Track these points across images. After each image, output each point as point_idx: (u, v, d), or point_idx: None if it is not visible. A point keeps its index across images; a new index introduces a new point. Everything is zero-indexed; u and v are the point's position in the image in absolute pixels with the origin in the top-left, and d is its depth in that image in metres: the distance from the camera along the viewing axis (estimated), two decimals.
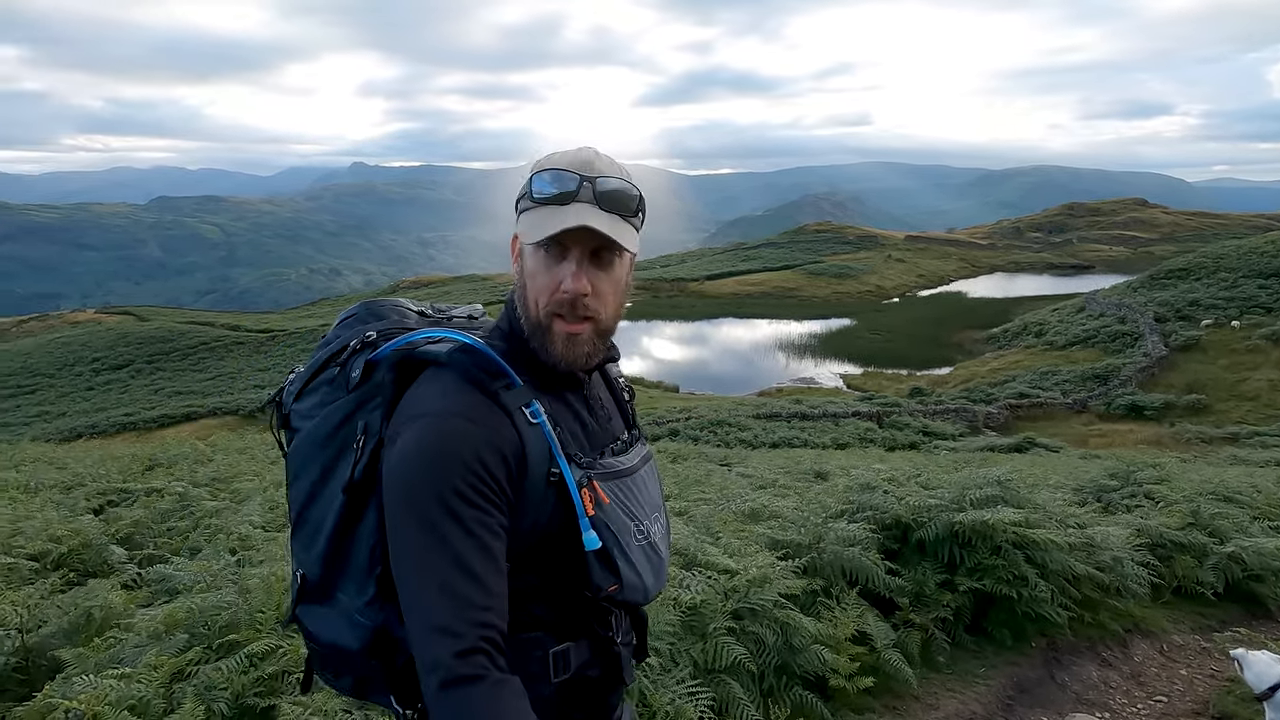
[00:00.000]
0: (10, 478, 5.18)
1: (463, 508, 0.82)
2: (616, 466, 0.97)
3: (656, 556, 0.98)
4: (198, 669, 2.00)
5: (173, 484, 4.74)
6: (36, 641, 2.33)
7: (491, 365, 0.92)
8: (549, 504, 0.89)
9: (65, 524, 3.45)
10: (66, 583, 2.92)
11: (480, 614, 0.79)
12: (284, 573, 2.44)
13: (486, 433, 0.86)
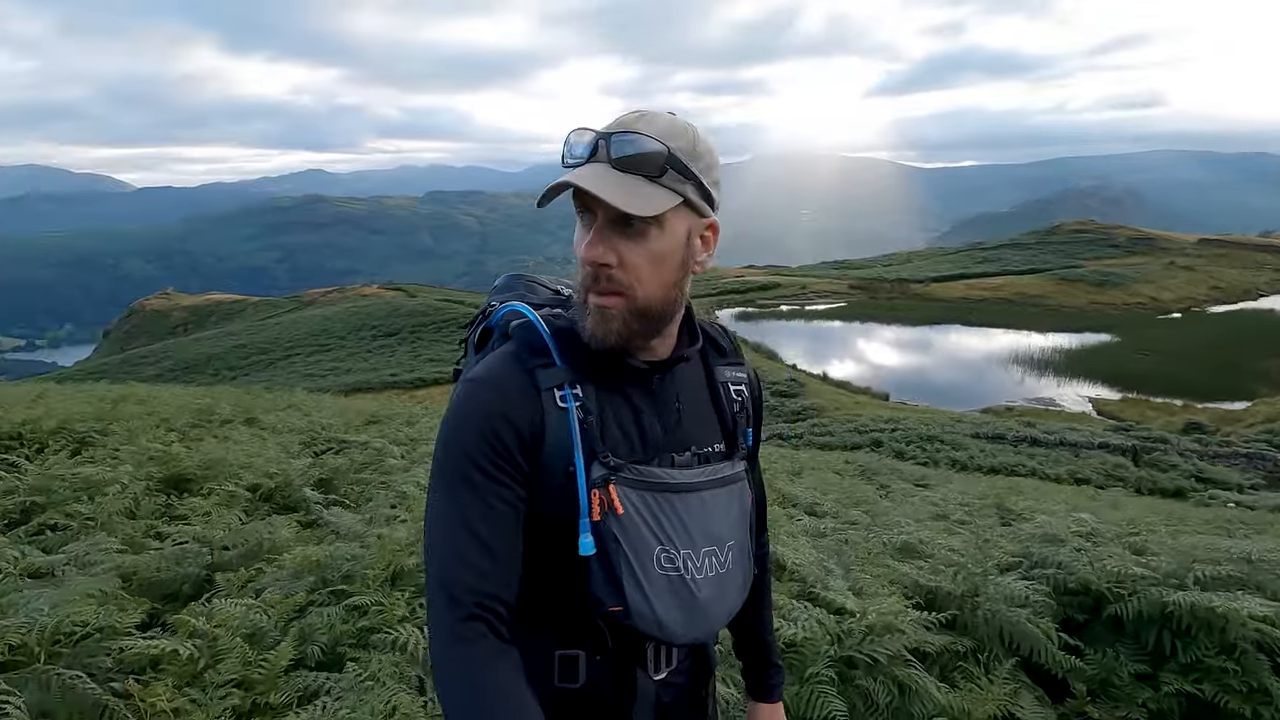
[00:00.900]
0: (268, 420, 6.33)
1: (475, 473, 0.82)
2: (660, 478, 0.87)
3: (688, 593, 0.85)
4: (311, 610, 2.23)
5: (375, 439, 5.45)
6: (223, 560, 2.78)
7: (537, 342, 0.89)
8: (566, 497, 0.85)
9: (279, 464, 4.12)
10: (265, 513, 3.47)
11: (483, 580, 0.80)
12: (402, 534, 2.64)
13: (505, 403, 0.85)
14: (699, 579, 0.86)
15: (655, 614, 0.83)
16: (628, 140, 0.83)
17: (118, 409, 6.22)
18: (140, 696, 1.73)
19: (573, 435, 0.85)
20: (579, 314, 0.89)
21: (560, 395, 0.86)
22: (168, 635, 2.01)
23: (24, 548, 2.55)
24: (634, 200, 0.81)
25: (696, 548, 0.87)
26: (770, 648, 1.14)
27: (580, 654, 0.90)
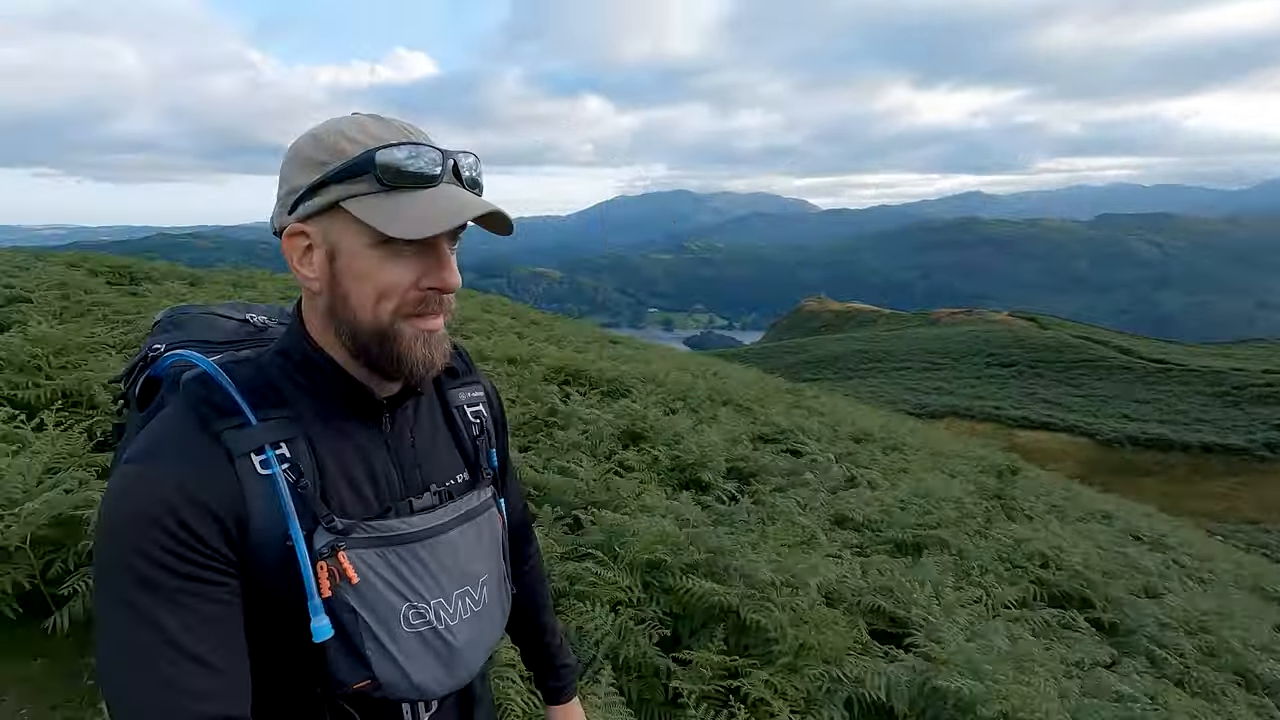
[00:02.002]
0: (758, 411, 7.04)
1: (163, 576, 0.66)
2: (399, 529, 0.78)
3: (443, 644, 0.78)
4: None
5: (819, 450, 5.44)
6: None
7: (221, 399, 0.74)
8: (289, 577, 0.72)
9: (740, 448, 4.62)
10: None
11: (205, 701, 0.65)
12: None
13: (190, 484, 0.69)
14: (453, 625, 0.80)
15: (410, 679, 0.76)
16: (476, 162, 0.80)
17: (699, 381, 8.03)
18: None
19: (284, 505, 0.72)
20: (383, 348, 0.76)
21: (260, 461, 0.72)
22: None
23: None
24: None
25: (447, 593, 0.80)
26: (555, 650, 1.12)
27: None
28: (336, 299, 0.76)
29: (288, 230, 0.76)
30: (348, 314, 0.76)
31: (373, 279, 0.74)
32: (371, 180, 0.73)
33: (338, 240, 0.75)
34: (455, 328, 9.50)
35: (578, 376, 6.96)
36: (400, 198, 0.73)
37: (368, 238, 0.73)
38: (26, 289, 5.89)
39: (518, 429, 5.19)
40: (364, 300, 0.75)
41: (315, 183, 0.74)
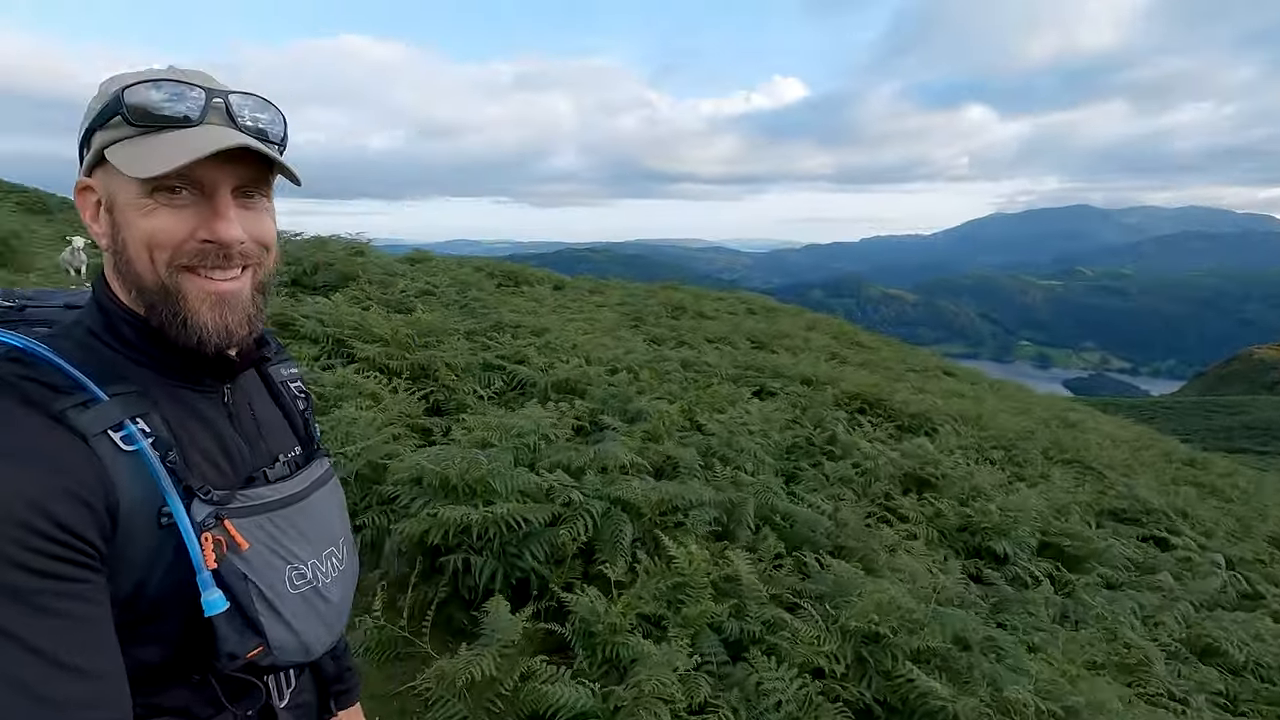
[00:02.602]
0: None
1: (29, 582, 0.59)
2: (268, 497, 0.78)
3: (323, 602, 0.79)
4: None
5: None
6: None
7: (57, 377, 0.68)
8: (166, 555, 0.69)
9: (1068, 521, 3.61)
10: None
11: (89, 713, 0.60)
12: None
13: (49, 475, 0.63)
14: (327, 584, 0.80)
15: (300, 639, 0.76)
16: (253, 101, 0.75)
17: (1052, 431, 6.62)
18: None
19: (158, 479, 0.68)
20: (166, 310, 0.72)
21: (121, 437, 0.67)
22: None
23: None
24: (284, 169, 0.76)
25: (319, 554, 0.80)
26: (342, 652, 1.06)
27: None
28: (118, 252, 0.73)
29: (76, 186, 0.75)
30: (129, 267, 0.73)
31: (144, 227, 0.71)
32: (123, 123, 0.69)
33: (115, 191, 0.72)
34: (765, 341, 9.53)
35: (875, 406, 6.33)
36: (154, 139, 0.69)
37: (136, 186, 0.70)
38: (435, 284, 7.65)
39: (787, 452, 4.92)
40: (139, 251, 0.71)
41: (85, 131, 0.72)
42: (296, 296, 6.77)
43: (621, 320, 9.03)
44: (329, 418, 3.67)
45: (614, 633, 2.44)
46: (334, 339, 5.06)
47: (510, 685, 2.28)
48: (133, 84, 0.70)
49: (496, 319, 6.28)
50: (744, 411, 5.02)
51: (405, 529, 2.83)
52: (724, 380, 6.34)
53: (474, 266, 10.70)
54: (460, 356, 4.92)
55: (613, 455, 3.43)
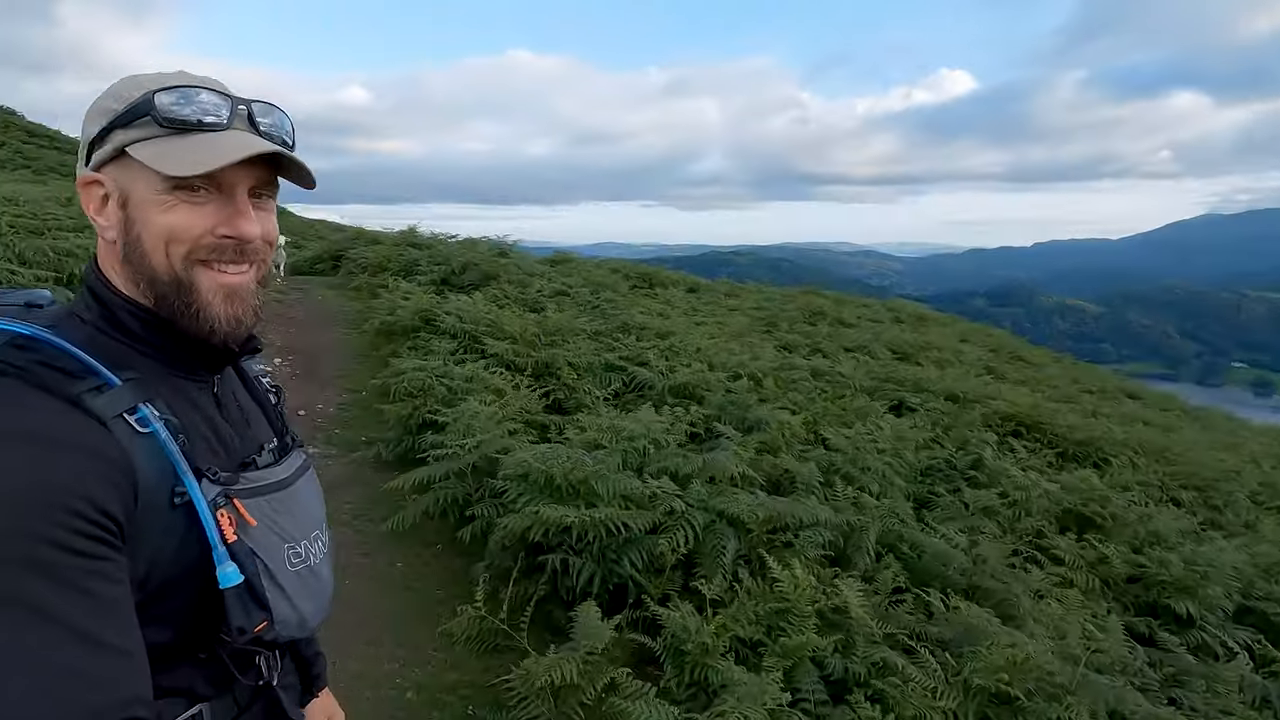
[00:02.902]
0: None
1: (69, 558, 0.60)
2: (265, 480, 0.81)
3: (316, 581, 0.83)
4: None
5: None
6: None
7: (69, 362, 0.69)
8: (176, 534, 0.71)
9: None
10: None
11: (123, 689, 0.62)
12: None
13: (80, 457, 0.64)
14: (316, 564, 0.84)
15: (299, 613, 0.79)
16: (273, 109, 0.80)
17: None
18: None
19: (173, 459, 0.70)
20: (178, 300, 0.74)
21: (136, 420, 0.69)
22: None
23: None
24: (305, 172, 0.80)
25: (309, 535, 0.84)
26: (311, 638, 1.03)
27: (202, 708, 0.78)
28: (130, 244, 0.75)
29: (81, 180, 0.77)
30: (143, 260, 0.75)
31: (162, 222, 0.74)
32: (152, 123, 0.73)
33: (130, 186, 0.74)
34: (909, 352, 8.87)
35: (1032, 429, 5.65)
36: (182, 140, 0.73)
37: (158, 182, 0.73)
38: (570, 285, 7.89)
39: (922, 475, 4.51)
40: (156, 244, 0.74)
41: (102, 129, 0.74)
42: (443, 294, 7.24)
43: (753, 325, 8.81)
44: (454, 410, 3.86)
45: (705, 653, 2.32)
46: (469, 335, 5.34)
47: (592, 695, 2.23)
48: (166, 88, 0.74)
49: (624, 320, 6.34)
50: (875, 427, 4.67)
51: (509, 524, 2.89)
52: (857, 392, 5.96)
53: (611, 268, 10.94)
54: (583, 356, 5.00)
55: (722, 465, 3.30)
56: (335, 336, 7.19)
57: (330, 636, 2.76)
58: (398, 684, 2.58)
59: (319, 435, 4.70)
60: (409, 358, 5.08)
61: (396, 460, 4.19)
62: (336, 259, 11.40)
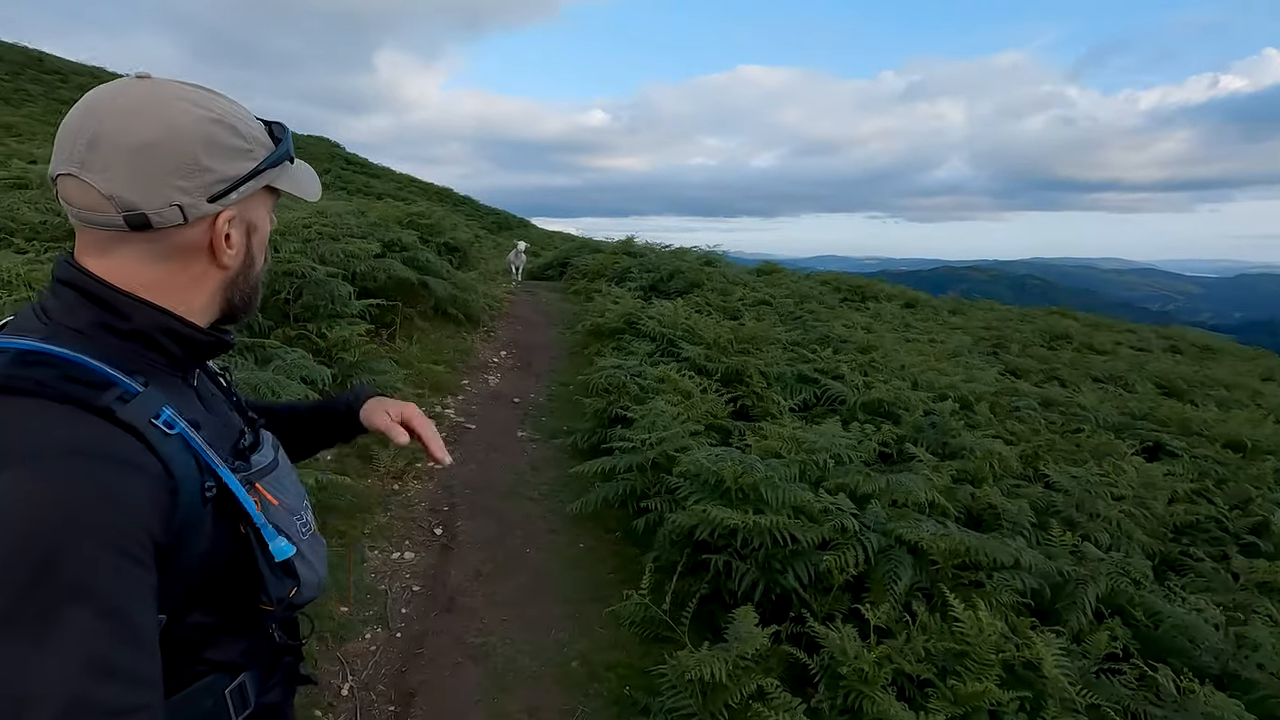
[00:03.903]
0: None
1: (111, 583, 0.60)
2: (262, 463, 0.84)
3: (320, 545, 0.91)
4: None
5: None
6: None
7: (85, 373, 0.66)
8: (207, 525, 0.71)
9: None
10: None
11: (128, 717, 0.60)
12: None
13: (129, 470, 0.64)
14: (316, 531, 0.91)
15: (316, 575, 0.87)
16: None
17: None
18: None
19: (203, 455, 0.71)
20: (253, 299, 0.85)
21: (164, 422, 0.68)
22: None
23: None
24: None
25: (303, 505, 0.90)
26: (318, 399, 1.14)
27: (244, 676, 0.83)
28: (246, 269, 0.81)
29: (222, 216, 0.75)
30: (253, 277, 0.84)
31: (265, 236, 0.84)
32: (286, 159, 0.81)
33: (254, 216, 0.80)
34: (1181, 388, 7.36)
35: None
36: (294, 169, 0.83)
37: (269, 204, 0.83)
38: (774, 296, 7.81)
39: (1175, 532, 3.75)
40: (259, 253, 0.83)
41: (253, 171, 0.76)
42: (649, 299, 7.60)
43: (976, 345, 7.97)
44: (643, 407, 4.04)
45: (863, 681, 2.18)
46: (667, 338, 5.55)
47: (739, 699, 2.21)
48: (274, 123, 0.81)
49: (824, 332, 6.13)
50: (1115, 469, 3.98)
51: (678, 520, 2.96)
52: (1098, 429, 5.12)
53: (820, 280, 10.61)
54: (775, 365, 4.94)
55: (908, 489, 3.05)
56: (552, 335, 7.91)
57: (511, 597, 3.10)
58: (564, 653, 2.78)
59: (528, 421, 5.22)
60: (610, 357, 5.42)
61: (589, 449, 4.51)
62: (563, 266, 12.50)
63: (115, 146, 0.67)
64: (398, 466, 4.05)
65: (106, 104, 0.69)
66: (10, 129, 14.17)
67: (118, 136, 0.67)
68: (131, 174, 0.68)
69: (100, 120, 0.68)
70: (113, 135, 0.67)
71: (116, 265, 0.72)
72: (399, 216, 7.60)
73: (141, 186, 0.68)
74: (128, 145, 0.67)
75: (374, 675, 2.56)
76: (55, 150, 0.70)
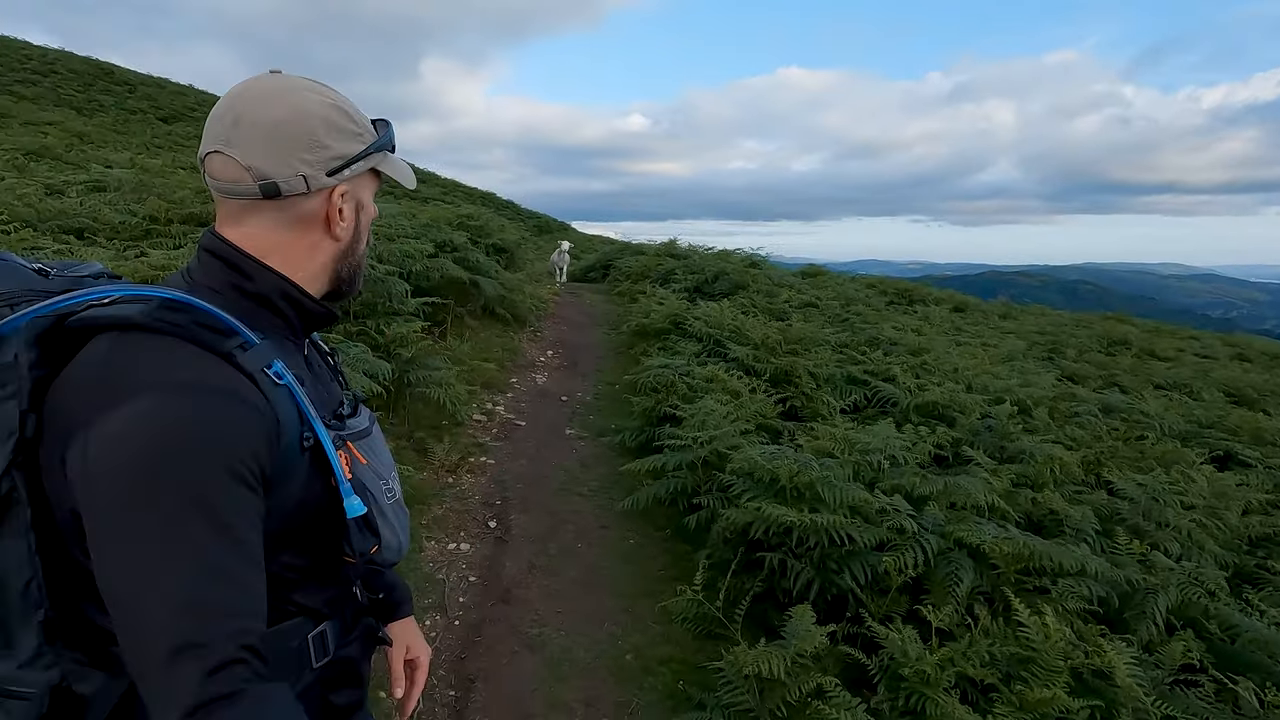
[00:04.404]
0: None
1: (223, 499, 0.68)
2: (357, 427, 0.91)
3: (403, 513, 0.95)
4: None
5: None
6: None
7: (218, 322, 0.75)
8: (303, 473, 0.79)
9: None
10: None
11: (236, 620, 0.67)
12: None
13: (243, 405, 0.72)
14: (400, 498, 0.94)
15: (397, 539, 0.91)
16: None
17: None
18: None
19: (304, 408, 0.78)
20: (357, 274, 0.93)
21: (274, 373, 0.76)
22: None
23: None
24: None
25: (391, 475, 0.94)
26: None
27: (326, 625, 0.88)
28: (354, 243, 0.91)
29: (337, 190, 0.85)
30: (359, 253, 0.93)
31: (370, 218, 0.93)
32: (389, 147, 0.90)
33: (363, 194, 0.90)
34: (1252, 397, 7.03)
35: None
36: (395, 159, 0.92)
37: (373, 188, 0.92)
38: (819, 298, 7.74)
39: (1251, 545, 3.59)
40: (364, 233, 0.93)
41: (363, 152, 0.85)
42: (694, 301, 7.60)
43: (1030, 350, 7.75)
44: (692, 406, 4.05)
45: (925, 683, 2.15)
46: (713, 339, 5.55)
47: (797, 695, 2.20)
48: (383, 120, 0.91)
49: (873, 335, 6.04)
50: (1184, 478, 3.83)
51: (732, 517, 2.96)
52: (1164, 436, 4.93)
53: (866, 283, 10.46)
54: (824, 367, 4.89)
55: (967, 491, 3.00)
56: (598, 335, 7.97)
57: (564, 590, 3.14)
58: (618, 646, 2.81)
59: (575, 420, 5.28)
60: (657, 356, 5.44)
61: (637, 448, 4.53)
62: (606, 268, 12.57)
63: (253, 124, 0.78)
64: (452, 460, 4.14)
65: (246, 92, 0.80)
66: (84, 137, 14.94)
67: (255, 116, 0.78)
68: (265, 147, 0.78)
69: (242, 104, 0.79)
70: (251, 115, 0.78)
71: (248, 232, 0.83)
72: (449, 218, 7.77)
73: (273, 158, 0.79)
74: (263, 123, 0.78)
75: (435, 660, 2.62)
76: (205, 134, 0.81)
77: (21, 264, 0.82)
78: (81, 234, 4.49)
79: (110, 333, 0.71)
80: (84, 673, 0.73)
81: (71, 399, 0.69)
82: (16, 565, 0.71)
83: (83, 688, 0.73)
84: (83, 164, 8.00)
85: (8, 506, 0.70)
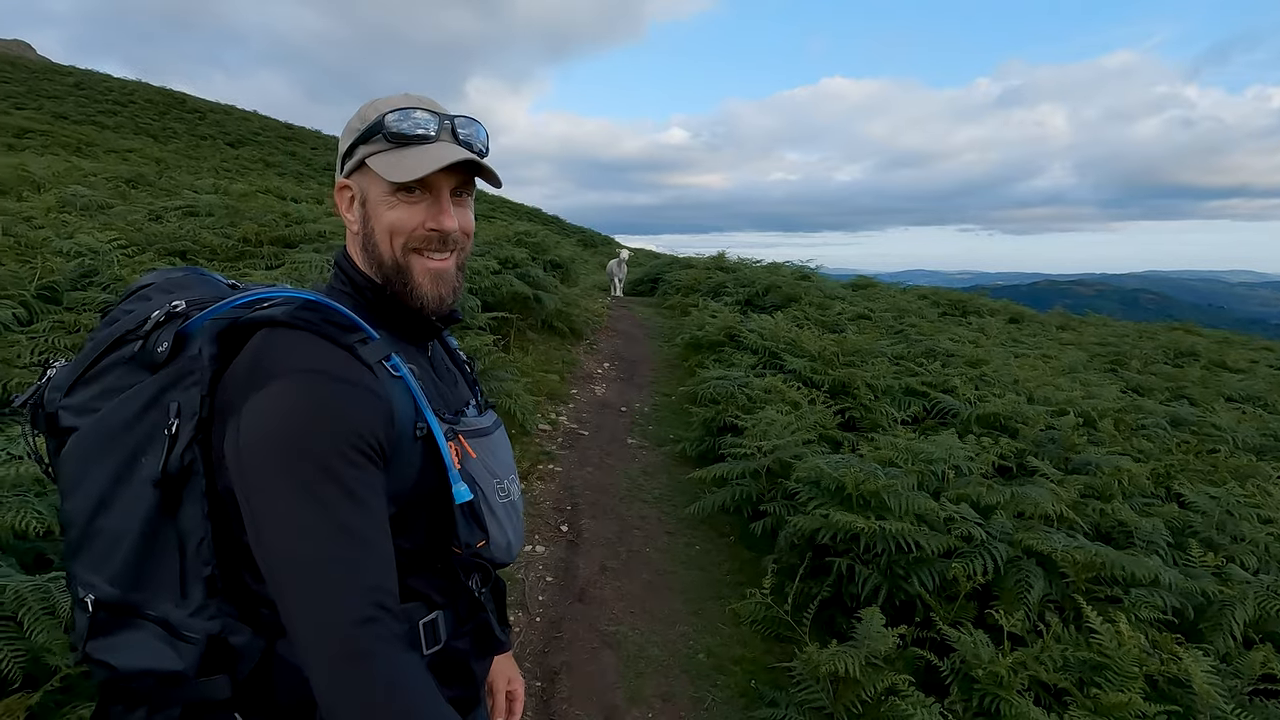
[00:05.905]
0: None
1: (348, 470, 0.76)
2: (476, 425, 0.96)
3: (516, 515, 0.98)
4: None
5: None
6: None
7: (343, 319, 0.85)
8: (416, 461, 0.85)
9: None
10: None
11: (373, 578, 0.74)
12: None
13: (362, 390, 0.80)
14: (515, 501, 0.97)
15: (507, 538, 0.94)
16: (471, 123, 0.94)
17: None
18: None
19: (418, 398, 0.86)
20: (398, 280, 0.91)
21: (391, 365, 0.85)
22: None
23: None
24: (489, 174, 0.94)
25: (509, 477, 0.97)
26: (501, 603, 1.07)
27: (439, 614, 0.92)
28: (366, 236, 0.93)
29: (337, 185, 0.96)
30: (374, 249, 0.92)
31: (388, 218, 0.90)
32: (382, 139, 0.89)
33: (367, 189, 0.91)
34: None
35: None
36: (404, 152, 0.88)
37: (385, 186, 0.89)
38: (872, 309, 7.74)
39: None
40: (383, 236, 0.91)
41: (350, 145, 0.91)
42: (746, 313, 7.70)
43: (1092, 362, 7.60)
44: (753, 416, 4.16)
45: (998, 685, 2.21)
46: (769, 351, 5.64)
47: (872, 693, 2.29)
48: (392, 110, 0.89)
49: (929, 346, 6.05)
50: (1261, 492, 3.76)
51: (799, 523, 3.06)
52: (1237, 449, 4.81)
53: (918, 294, 10.38)
54: (882, 379, 4.94)
55: (1035, 501, 3.03)
56: (651, 348, 8.14)
57: (636, 591, 3.28)
58: (690, 645, 2.93)
59: (635, 429, 5.43)
60: (714, 368, 5.57)
61: (698, 457, 4.66)
62: (654, 281, 12.75)
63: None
64: (523, 468, 4.33)
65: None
66: (160, 163, 15.92)
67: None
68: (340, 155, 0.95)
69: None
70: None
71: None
72: (508, 236, 8.06)
73: (340, 163, 0.95)
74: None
75: (520, 654, 2.79)
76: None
77: (218, 279, 0.96)
78: (184, 255, 4.88)
79: (263, 329, 0.82)
80: (237, 627, 0.81)
81: (230, 387, 0.80)
82: (193, 527, 0.80)
83: (236, 640, 0.81)
84: (175, 190, 8.59)
85: (189, 476, 0.80)
